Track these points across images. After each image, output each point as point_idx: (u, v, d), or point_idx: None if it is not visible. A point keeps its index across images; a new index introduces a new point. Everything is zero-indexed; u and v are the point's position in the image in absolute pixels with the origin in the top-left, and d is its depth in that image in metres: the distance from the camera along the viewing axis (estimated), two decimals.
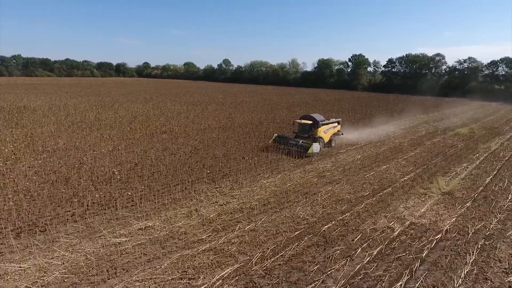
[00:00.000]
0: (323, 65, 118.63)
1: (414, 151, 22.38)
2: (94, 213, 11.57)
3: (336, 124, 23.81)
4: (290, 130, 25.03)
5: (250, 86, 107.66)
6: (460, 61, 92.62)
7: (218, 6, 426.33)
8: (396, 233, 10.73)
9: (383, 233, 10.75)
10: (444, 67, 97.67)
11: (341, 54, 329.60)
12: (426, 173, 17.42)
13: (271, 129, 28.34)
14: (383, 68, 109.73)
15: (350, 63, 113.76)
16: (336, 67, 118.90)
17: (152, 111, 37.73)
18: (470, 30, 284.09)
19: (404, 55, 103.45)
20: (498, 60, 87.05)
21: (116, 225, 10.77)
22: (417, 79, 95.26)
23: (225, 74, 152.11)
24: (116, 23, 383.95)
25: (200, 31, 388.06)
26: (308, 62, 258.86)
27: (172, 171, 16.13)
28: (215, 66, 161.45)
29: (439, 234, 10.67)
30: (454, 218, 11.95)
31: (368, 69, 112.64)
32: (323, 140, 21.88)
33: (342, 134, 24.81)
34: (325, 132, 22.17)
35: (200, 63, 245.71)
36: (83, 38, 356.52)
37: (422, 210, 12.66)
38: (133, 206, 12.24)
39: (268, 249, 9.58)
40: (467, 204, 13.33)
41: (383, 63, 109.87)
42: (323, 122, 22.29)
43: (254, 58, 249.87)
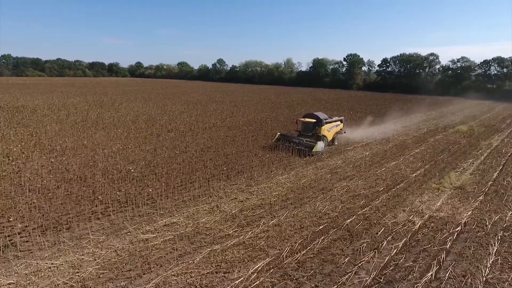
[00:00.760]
0: (318, 64, 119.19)
1: (419, 148, 22.78)
2: (115, 210, 11.52)
3: (339, 122, 23.86)
4: (294, 129, 25.14)
5: (246, 86, 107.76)
6: (453, 60, 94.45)
7: (210, 5, 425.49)
8: (417, 226, 10.95)
9: (405, 226, 10.96)
10: (437, 67, 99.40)
11: (335, 53, 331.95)
12: (435, 168, 17.76)
13: (276, 127, 28.48)
14: (378, 67, 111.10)
15: (345, 63, 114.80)
16: (331, 67, 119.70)
17: (153, 110, 37.54)
18: (463, 29, 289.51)
19: (398, 55, 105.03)
20: (490, 59, 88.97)
21: (140, 221, 10.77)
22: (411, 79, 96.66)
23: (220, 74, 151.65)
24: (105, 23, 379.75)
25: (193, 31, 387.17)
26: (303, 61, 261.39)
27: (187, 169, 16.11)
28: (210, 66, 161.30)
29: (459, 227, 10.94)
30: (470, 211, 12.25)
31: (362, 68, 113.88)
32: (327, 138, 21.73)
33: (345, 132, 24.88)
34: (328, 130, 22.05)
35: (193, 63, 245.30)
36: (73, 38, 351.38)
37: (438, 204, 12.94)
38: (153, 203, 12.23)
39: (296, 243, 9.70)
40: (480, 198, 13.65)
41: (378, 63, 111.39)
42: (327, 121, 22.29)
43: (249, 57, 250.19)
